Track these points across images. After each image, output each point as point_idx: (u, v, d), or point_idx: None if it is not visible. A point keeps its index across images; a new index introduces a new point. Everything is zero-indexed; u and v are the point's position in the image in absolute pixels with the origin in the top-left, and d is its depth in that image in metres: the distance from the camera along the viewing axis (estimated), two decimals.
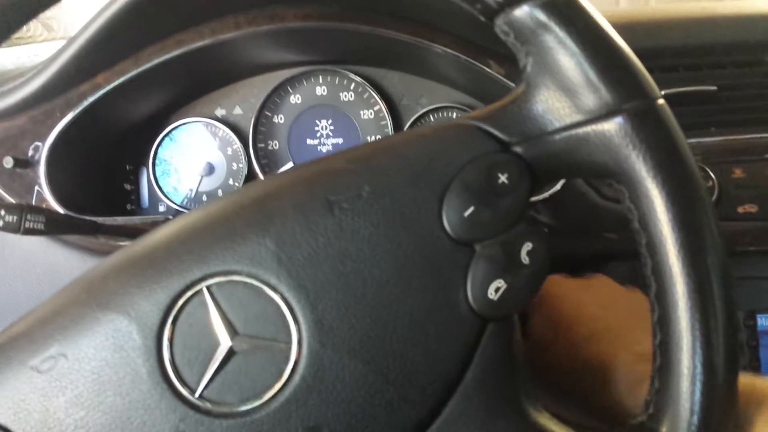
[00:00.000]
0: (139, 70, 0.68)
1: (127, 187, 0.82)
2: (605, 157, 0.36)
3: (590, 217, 0.67)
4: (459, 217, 0.36)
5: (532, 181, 0.37)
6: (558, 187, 0.67)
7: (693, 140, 0.66)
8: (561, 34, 0.35)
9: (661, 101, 0.36)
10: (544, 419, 0.37)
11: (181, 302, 0.36)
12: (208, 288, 0.36)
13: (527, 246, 0.36)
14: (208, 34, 0.68)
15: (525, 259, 0.36)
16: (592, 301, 0.55)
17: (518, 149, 0.37)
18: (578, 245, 0.67)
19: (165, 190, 0.80)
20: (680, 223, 0.34)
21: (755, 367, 0.65)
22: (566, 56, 0.36)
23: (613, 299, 0.56)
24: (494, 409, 0.36)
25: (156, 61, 0.68)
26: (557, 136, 0.37)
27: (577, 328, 0.53)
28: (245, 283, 0.36)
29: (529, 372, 0.38)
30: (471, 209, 0.36)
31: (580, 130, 0.36)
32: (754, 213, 0.63)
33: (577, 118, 0.36)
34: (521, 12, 0.36)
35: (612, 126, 0.35)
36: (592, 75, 0.35)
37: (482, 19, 0.37)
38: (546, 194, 0.67)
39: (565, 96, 0.36)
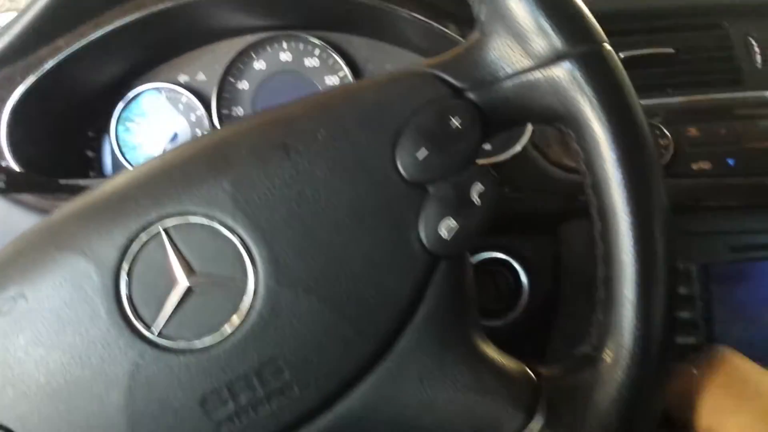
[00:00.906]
0: (100, 33, 0.68)
1: (90, 154, 0.81)
2: (554, 101, 0.37)
3: (541, 186, 0.68)
4: (412, 159, 0.37)
5: (483, 126, 0.38)
6: (510, 154, 0.68)
7: (651, 101, 0.67)
8: None
9: (607, 46, 0.37)
10: (491, 351, 0.39)
11: (138, 243, 0.36)
12: (165, 228, 0.36)
13: (478, 187, 0.38)
14: None
15: (475, 199, 0.37)
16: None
17: (471, 95, 0.38)
18: (537, 204, 0.68)
19: (127, 157, 0.79)
20: (624, 162, 0.36)
21: (708, 320, 0.67)
22: (517, 3, 0.37)
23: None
24: (445, 342, 0.38)
25: (116, 24, 0.68)
26: (508, 82, 0.38)
27: None
28: (202, 224, 0.37)
29: (477, 307, 0.40)
30: (424, 152, 0.37)
31: (531, 76, 0.37)
32: (708, 170, 0.65)
33: (528, 63, 0.37)
34: None
35: (560, 70, 0.36)
36: (542, 21, 0.36)
37: None
38: (499, 158, 0.68)
39: (516, 42, 0.37)
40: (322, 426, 0.37)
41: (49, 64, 0.68)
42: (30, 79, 0.68)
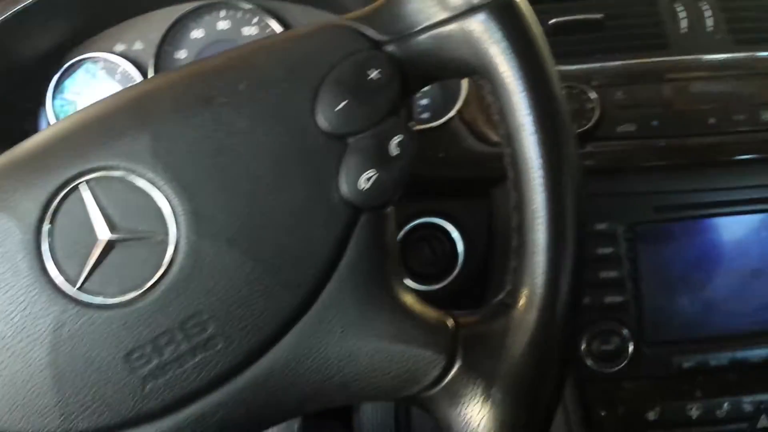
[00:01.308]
0: (28, 2, 0.67)
1: (27, 127, 0.80)
2: (468, 53, 0.38)
3: (467, 156, 0.69)
4: (331, 111, 0.38)
5: (403, 78, 0.39)
6: (440, 122, 0.69)
7: (579, 66, 0.69)
8: None
9: None
10: (413, 301, 0.40)
11: (59, 198, 0.36)
12: (86, 183, 0.37)
13: (397, 138, 0.38)
14: None
15: (395, 150, 0.38)
16: None
17: (390, 48, 0.39)
18: (467, 170, 0.70)
19: None
20: (534, 110, 0.37)
21: (635, 279, 0.69)
22: None
23: None
24: (366, 293, 0.38)
25: None
26: (425, 34, 0.39)
27: None
28: (122, 178, 0.37)
29: (399, 259, 0.41)
30: (343, 103, 0.38)
31: (446, 28, 0.38)
32: (633, 132, 0.67)
33: (444, 15, 0.38)
34: None
35: (473, 22, 0.37)
36: None
37: None
38: (432, 124, 0.69)
39: None
40: (249, 378, 0.38)
41: None
42: None
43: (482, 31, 0.37)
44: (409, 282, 0.72)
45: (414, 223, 0.72)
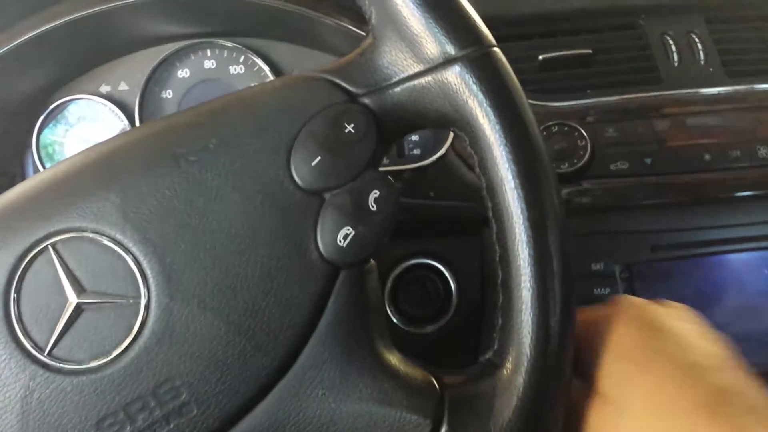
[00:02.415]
0: (14, 43, 0.66)
1: (12, 170, 0.79)
2: (445, 105, 0.37)
3: (461, 189, 0.68)
4: (307, 166, 0.37)
5: (379, 131, 0.38)
6: (432, 159, 0.68)
7: (569, 103, 0.68)
8: None
9: (495, 49, 0.37)
10: (396, 360, 0.38)
11: (26, 261, 0.35)
12: (53, 245, 0.35)
13: (375, 194, 0.37)
14: (82, 5, 0.66)
15: (372, 206, 0.37)
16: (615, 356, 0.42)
17: (365, 100, 0.38)
18: (459, 209, 0.68)
19: None
20: (514, 163, 0.36)
21: None
22: (405, 7, 0.37)
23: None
24: (347, 354, 0.37)
25: (30, 34, 0.66)
26: (401, 87, 0.38)
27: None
28: (91, 239, 0.35)
29: (383, 316, 0.39)
30: (318, 158, 0.37)
31: (422, 80, 0.37)
32: (625, 169, 0.66)
33: (419, 68, 0.37)
34: None
35: (450, 74, 0.36)
36: (431, 24, 0.36)
37: None
38: (422, 163, 0.68)
39: (407, 46, 0.37)
40: None
41: None
42: None
43: (458, 83, 0.36)
44: (401, 324, 0.71)
45: (406, 264, 0.71)
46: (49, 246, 0.35)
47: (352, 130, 0.37)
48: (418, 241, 0.71)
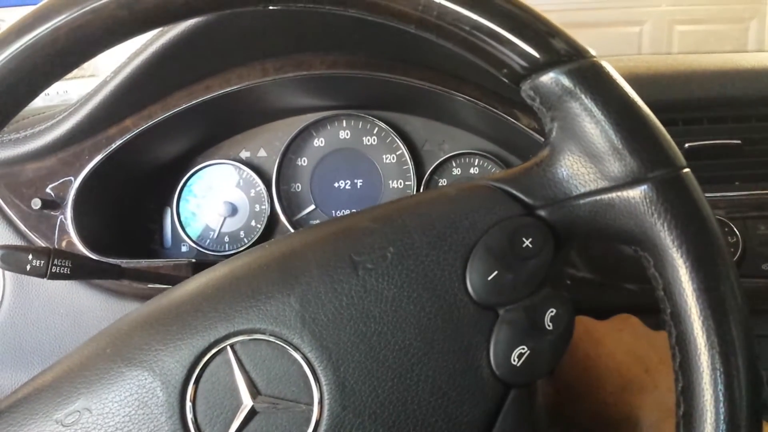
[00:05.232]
0: (167, 114, 0.69)
1: (151, 226, 0.83)
2: (630, 224, 0.36)
3: (616, 265, 0.66)
4: (482, 280, 0.36)
5: (555, 245, 0.37)
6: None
7: (717, 194, 0.66)
8: (587, 101, 0.36)
9: (686, 170, 0.36)
10: None
11: (204, 360, 0.36)
12: (232, 346, 0.36)
13: (551, 312, 0.36)
14: (235, 80, 0.69)
15: (548, 324, 0.36)
16: (623, 348, 0.55)
17: (542, 213, 0.38)
18: (602, 296, 0.67)
19: (188, 231, 0.81)
20: (705, 294, 0.34)
21: None
22: (592, 123, 0.36)
23: (644, 345, 0.55)
24: None
25: (184, 106, 0.69)
26: (582, 201, 0.37)
27: (608, 380, 0.52)
28: (269, 342, 0.36)
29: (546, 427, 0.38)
30: (494, 273, 0.36)
31: (605, 196, 0.36)
32: None
33: (602, 184, 0.36)
34: (547, 78, 0.36)
35: (637, 194, 0.35)
36: (618, 143, 0.35)
37: (508, 83, 0.38)
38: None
39: (590, 162, 0.36)
40: None
41: (117, 144, 0.69)
42: (97, 158, 0.69)
43: (647, 204, 0.35)
44: None
45: None
46: (227, 346, 0.36)
47: (530, 245, 0.37)
48: None
